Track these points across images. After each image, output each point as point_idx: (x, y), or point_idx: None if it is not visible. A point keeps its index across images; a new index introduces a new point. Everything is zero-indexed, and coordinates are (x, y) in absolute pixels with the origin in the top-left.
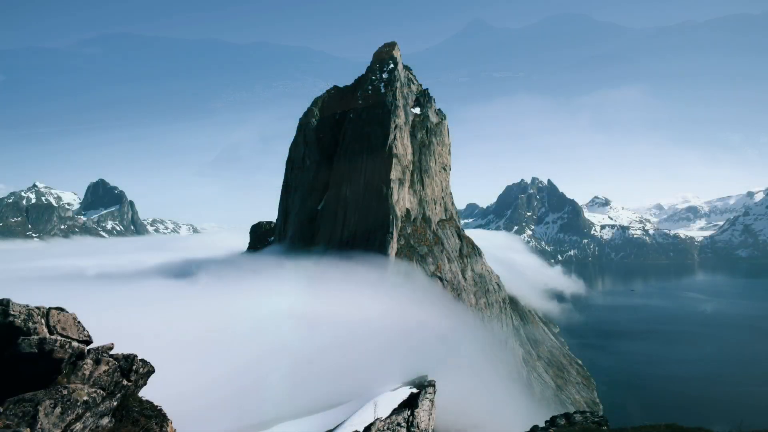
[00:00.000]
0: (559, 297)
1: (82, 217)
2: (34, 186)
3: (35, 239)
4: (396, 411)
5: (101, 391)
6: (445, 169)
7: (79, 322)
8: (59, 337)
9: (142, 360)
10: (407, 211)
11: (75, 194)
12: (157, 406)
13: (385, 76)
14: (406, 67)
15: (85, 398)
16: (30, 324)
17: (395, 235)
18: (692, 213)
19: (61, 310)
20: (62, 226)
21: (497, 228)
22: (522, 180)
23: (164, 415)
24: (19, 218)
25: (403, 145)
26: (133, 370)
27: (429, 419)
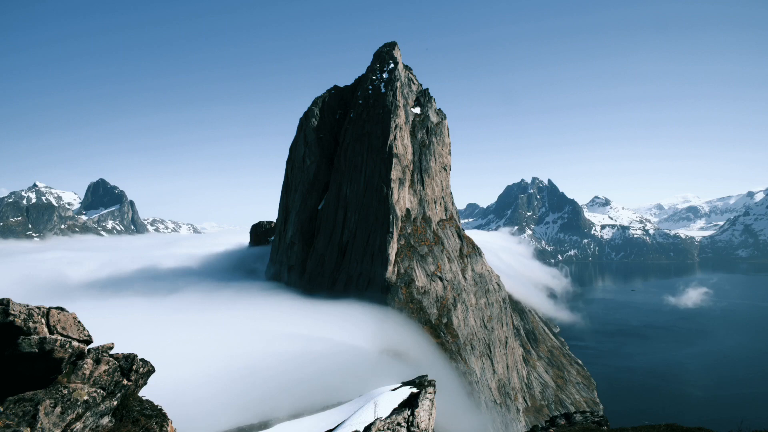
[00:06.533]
0: (560, 297)
1: (82, 216)
2: (35, 186)
3: (35, 239)
4: (396, 411)
5: (101, 391)
6: (445, 169)
7: (79, 322)
8: (59, 337)
9: (142, 360)
10: (407, 210)
11: (75, 194)
12: (157, 406)
13: (385, 76)
14: (406, 67)
15: (86, 398)
16: (30, 323)
17: (395, 234)
18: (692, 213)
19: (61, 309)
20: (62, 226)
21: (497, 228)
22: (522, 180)
23: (164, 415)
24: (20, 218)
25: (403, 145)
26: (133, 369)
27: (429, 419)
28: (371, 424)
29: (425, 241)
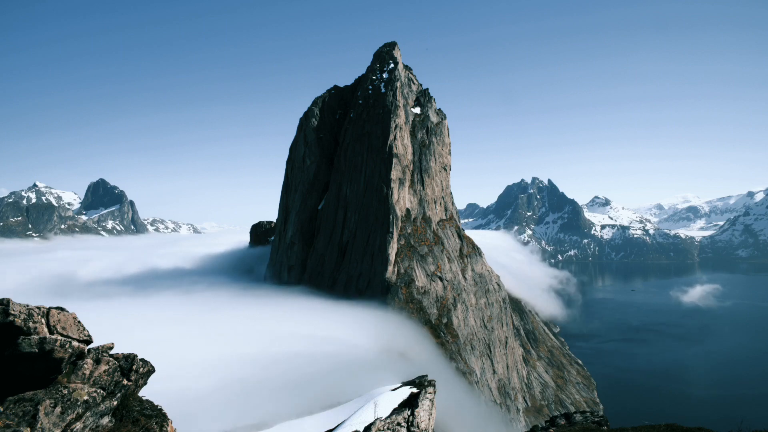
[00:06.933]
0: (560, 297)
1: (82, 216)
2: (35, 186)
3: (35, 239)
4: (396, 411)
5: (101, 391)
6: (445, 169)
7: (79, 322)
8: (59, 337)
9: (142, 360)
10: (407, 210)
11: (75, 194)
12: (157, 406)
13: (385, 76)
14: (406, 67)
15: (86, 398)
16: (30, 323)
17: (395, 235)
18: (692, 213)
19: (61, 309)
20: (62, 226)
21: (497, 228)
22: (522, 180)
23: (164, 415)
24: (20, 218)
25: (403, 145)
26: (133, 369)
27: (429, 419)
28: (371, 424)
29: (425, 241)
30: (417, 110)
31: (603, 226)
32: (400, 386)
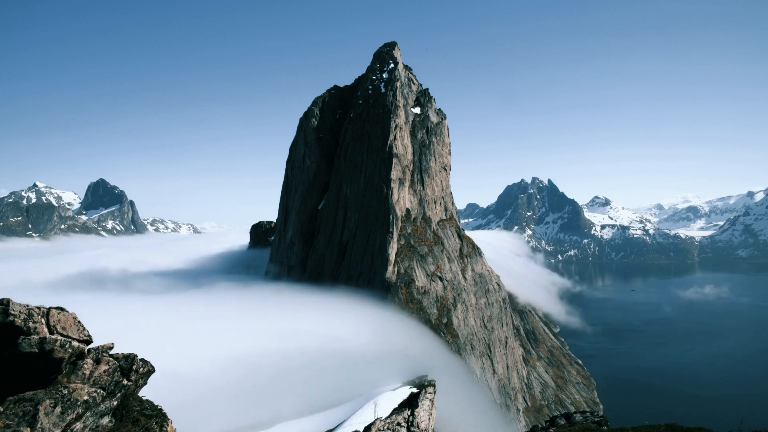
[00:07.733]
0: (560, 297)
1: (82, 216)
2: (35, 186)
3: (36, 238)
4: (396, 411)
5: (101, 391)
6: (445, 169)
7: (79, 322)
8: (59, 337)
9: (142, 360)
10: (407, 211)
11: (75, 194)
12: (157, 406)
13: (385, 76)
14: (406, 67)
15: (86, 398)
16: (30, 323)
17: (395, 235)
18: (692, 213)
19: (61, 309)
20: (62, 226)
21: (497, 228)
22: (522, 180)
23: (164, 415)
24: (20, 218)
25: (403, 145)
26: (133, 369)
27: (429, 419)
28: (371, 424)
29: (425, 241)
30: (417, 110)
31: (603, 226)
32: (400, 386)
